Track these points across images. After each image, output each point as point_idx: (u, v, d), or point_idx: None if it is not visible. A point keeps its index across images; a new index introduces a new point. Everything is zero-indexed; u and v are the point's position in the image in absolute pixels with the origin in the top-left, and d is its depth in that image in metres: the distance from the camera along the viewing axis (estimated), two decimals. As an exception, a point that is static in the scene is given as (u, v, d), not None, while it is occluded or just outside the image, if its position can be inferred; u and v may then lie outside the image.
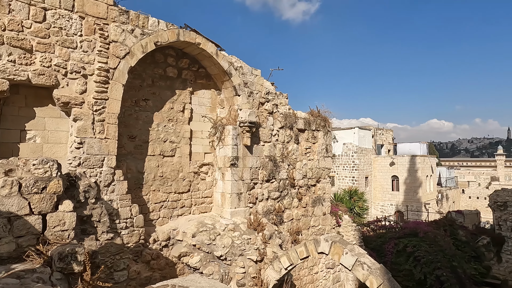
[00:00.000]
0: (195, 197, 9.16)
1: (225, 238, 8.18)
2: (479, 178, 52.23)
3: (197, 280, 2.44)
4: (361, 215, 19.61)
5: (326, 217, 11.68)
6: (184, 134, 8.91)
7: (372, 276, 6.64)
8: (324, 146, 11.60)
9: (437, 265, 12.70)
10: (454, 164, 76.78)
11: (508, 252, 18.02)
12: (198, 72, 9.22)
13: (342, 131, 29.73)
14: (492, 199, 19.34)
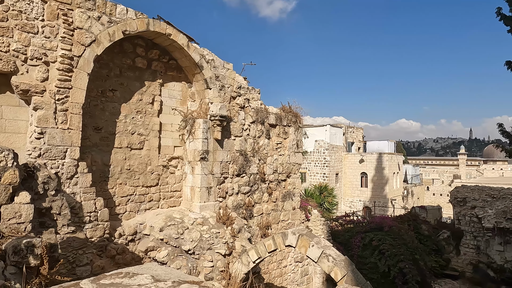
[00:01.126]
0: (164, 191, 9.02)
1: (193, 232, 8.13)
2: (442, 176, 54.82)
3: (153, 268, 2.41)
4: (331, 210, 20.08)
5: (295, 211, 11.86)
6: (153, 127, 8.73)
7: (336, 267, 6.82)
8: (295, 142, 11.75)
9: (400, 258, 13.23)
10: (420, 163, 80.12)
11: (466, 245, 19.07)
12: (169, 63, 9.05)
13: (314, 128, 30.25)
14: (452, 195, 20.36)
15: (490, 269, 17.21)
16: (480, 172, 63.73)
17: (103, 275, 2.24)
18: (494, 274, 16.94)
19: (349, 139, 34.49)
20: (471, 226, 19.02)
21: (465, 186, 21.12)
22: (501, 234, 17.26)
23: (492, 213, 18.00)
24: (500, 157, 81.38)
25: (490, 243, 17.71)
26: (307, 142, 27.81)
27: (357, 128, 36.62)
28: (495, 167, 66.70)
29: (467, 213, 19.25)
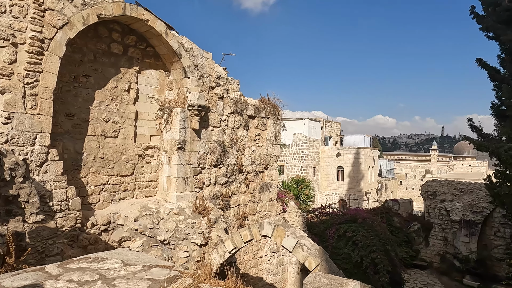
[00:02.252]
0: (139, 181, 8.86)
1: (169, 222, 8.05)
2: (415, 171, 56.64)
3: (124, 253, 2.36)
4: (307, 202, 20.38)
5: (272, 203, 11.96)
6: (129, 115, 8.53)
7: (311, 257, 6.95)
8: (273, 134, 11.80)
9: (372, 249, 13.62)
10: (394, 158, 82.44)
11: (435, 237, 19.90)
12: (146, 50, 8.83)
13: (293, 121, 30.48)
14: (424, 189, 21.12)
15: (456, 259, 18.06)
16: (450, 167, 66.31)
17: (70, 260, 2.18)
18: (459, 264, 17.79)
19: (327, 133, 35.01)
20: (440, 219, 19.85)
21: (435, 180, 21.96)
22: (467, 226, 18.10)
23: (459, 206, 18.83)
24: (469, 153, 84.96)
25: (457, 234, 18.55)
26: (285, 136, 28.02)
27: (335, 123, 37.19)
28: (464, 163, 69.55)
29: (437, 206, 20.06)
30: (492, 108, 7.15)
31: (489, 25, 7.00)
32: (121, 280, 1.92)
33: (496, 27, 6.88)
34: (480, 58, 7.06)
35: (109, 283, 1.89)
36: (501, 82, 6.90)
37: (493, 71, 7.01)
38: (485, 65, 7.02)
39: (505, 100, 6.62)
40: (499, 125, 6.71)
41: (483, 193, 18.03)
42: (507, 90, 6.36)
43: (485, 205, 17.75)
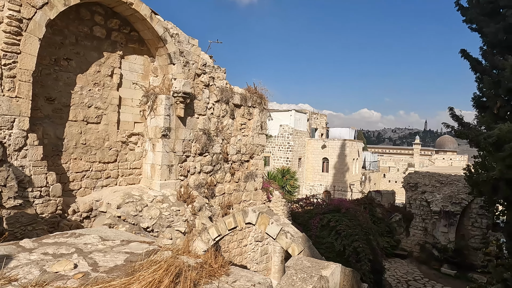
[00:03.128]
0: (123, 168, 8.73)
1: (152, 210, 7.98)
2: (398, 164, 57.69)
3: (102, 231, 2.32)
4: (292, 193, 20.55)
5: (257, 192, 12.00)
6: (112, 101, 8.35)
7: (294, 243, 7.02)
8: (259, 123, 11.78)
9: (355, 238, 13.87)
10: (378, 151, 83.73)
11: (415, 227, 20.43)
12: (130, 35, 8.62)
13: (280, 113, 30.53)
14: (406, 180, 21.58)
15: (435, 249, 18.61)
16: (432, 161, 67.81)
17: (46, 235, 2.13)
18: (438, 254, 18.35)
19: (313, 125, 35.23)
20: (420, 210, 20.36)
21: (417, 172, 22.45)
22: (446, 217, 18.64)
23: (439, 197, 19.34)
24: (451, 148, 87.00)
25: (437, 225, 19.09)
26: (271, 127, 28.05)
27: (321, 115, 37.44)
28: (445, 157, 71.14)
29: (418, 197, 20.55)
30: (473, 100, 7.31)
31: (473, 17, 7.12)
32: (98, 253, 1.89)
33: (479, 19, 7.01)
34: (463, 49, 7.18)
35: (85, 255, 1.85)
36: (482, 73, 7.06)
37: (475, 62, 7.15)
38: (468, 56, 7.16)
39: (486, 91, 6.78)
40: (479, 116, 6.88)
41: (462, 185, 18.56)
42: (487, 82, 6.51)
43: (464, 196, 18.29)
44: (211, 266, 1.69)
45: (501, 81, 6.20)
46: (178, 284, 1.40)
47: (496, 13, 6.87)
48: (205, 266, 1.67)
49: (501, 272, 6.56)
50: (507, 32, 6.65)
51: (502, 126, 4.72)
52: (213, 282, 1.58)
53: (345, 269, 4.38)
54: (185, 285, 1.40)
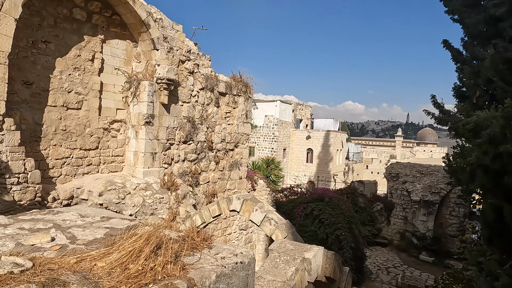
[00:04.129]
0: (105, 155, 8.57)
1: (135, 197, 7.89)
2: (381, 156, 58.70)
3: (82, 209, 2.27)
4: (277, 183, 20.68)
5: (242, 181, 12.02)
6: (93, 86, 8.14)
7: (278, 230, 7.10)
8: (244, 112, 11.74)
9: (338, 226, 14.12)
10: (362, 143, 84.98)
11: (396, 216, 20.94)
12: (112, 19, 8.38)
13: (265, 103, 30.50)
14: (387, 170, 22.03)
15: (414, 237, 19.15)
16: (413, 153, 69.23)
17: (22, 213, 2.07)
18: (417, 242, 18.89)
19: (298, 116, 35.40)
20: (401, 199, 20.85)
21: (399, 163, 22.93)
22: (426, 206, 19.17)
23: (420, 187, 19.84)
24: (431, 140, 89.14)
25: (416, 214, 19.62)
26: (257, 117, 28.03)
27: (306, 106, 37.63)
28: (426, 149, 72.70)
29: (399, 187, 21.03)
30: (454, 90, 7.48)
31: (455, 8, 7.24)
32: (77, 228, 1.85)
33: (461, 10, 7.13)
34: (446, 40, 7.32)
35: (63, 230, 1.81)
36: (463, 64, 7.21)
37: (456, 52, 7.30)
38: (450, 47, 7.30)
39: (466, 81, 6.94)
40: (459, 105, 7.05)
41: (441, 175, 19.07)
42: (467, 72, 6.66)
43: (443, 186, 18.83)
44: (193, 240, 1.68)
45: (480, 71, 6.35)
46: (159, 255, 1.38)
47: (477, 5, 7.01)
48: (187, 239, 1.66)
49: (476, 256, 6.82)
50: (487, 24, 6.80)
51: (479, 113, 4.86)
52: (195, 254, 1.58)
53: (328, 252, 4.46)
54: (166, 254, 1.39)
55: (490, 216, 7.60)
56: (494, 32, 6.56)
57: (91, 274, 1.26)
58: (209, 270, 1.40)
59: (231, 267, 1.48)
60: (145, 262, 1.31)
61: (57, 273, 1.20)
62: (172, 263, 1.36)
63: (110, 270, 1.28)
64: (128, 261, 1.32)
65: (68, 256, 1.38)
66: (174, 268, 1.33)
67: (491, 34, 6.70)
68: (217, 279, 1.38)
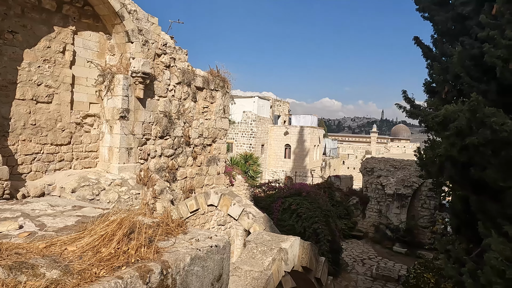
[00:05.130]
0: (77, 151, 8.32)
1: (110, 193, 7.72)
2: (356, 151, 60.01)
3: (52, 200, 2.20)
4: (255, 178, 20.77)
5: (220, 176, 11.99)
6: (64, 79, 7.87)
7: (256, 224, 7.15)
8: (221, 107, 11.69)
9: (315, 220, 14.37)
10: (338, 139, 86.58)
11: (371, 209, 21.53)
12: (84, 9, 8.11)
13: (243, 99, 30.47)
14: (363, 165, 22.59)
15: (388, 229, 19.77)
16: (388, 149, 71.21)
17: (-9, 204, 1.98)
18: (391, 234, 19.52)
19: (276, 112, 35.60)
20: (376, 193, 21.45)
21: (374, 157, 23.56)
22: (399, 199, 19.82)
23: (393, 181, 20.48)
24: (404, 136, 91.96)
25: (390, 207, 20.26)
26: (235, 113, 27.97)
27: (284, 102, 37.88)
28: (400, 145, 74.90)
29: (374, 181, 21.62)
30: (424, 85, 7.75)
31: (425, 5, 7.48)
32: (47, 217, 1.79)
33: (431, 8, 7.39)
34: (417, 36, 7.57)
35: (32, 218, 1.75)
36: (433, 60, 7.48)
37: (426, 49, 7.56)
38: (421, 43, 7.55)
39: (435, 77, 7.21)
40: (429, 100, 7.32)
41: (413, 169, 19.75)
42: (437, 68, 6.91)
43: (415, 179, 19.52)
44: (167, 225, 1.68)
45: (449, 68, 6.61)
46: (132, 239, 1.37)
47: (446, 3, 7.28)
48: (161, 225, 1.65)
49: (445, 244, 7.14)
50: (455, 21, 7.08)
51: (448, 107, 5.07)
52: (170, 239, 1.57)
53: (304, 243, 4.55)
54: (139, 238, 1.38)
55: (458, 207, 7.97)
56: (462, 30, 6.85)
57: (61, 258, 1.23)
58: (184, 253, 1.40)
59: (206, 250, 1.49)
60: (118, 246, 1.30)
61: (25, 257, 1.17)
62: (146, 246, 1.35)
63: (82, 253, 1.26)
64: (100, 244, 1.30)
65: (37, 242, 1.34)
66: (148, 251, 1.33)
67: (459, 31, 6.98)
68: (192, 261, 1.39)
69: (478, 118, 4.76)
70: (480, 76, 6.07)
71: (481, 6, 6.22)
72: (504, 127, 4.48)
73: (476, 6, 6.39)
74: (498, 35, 5.13)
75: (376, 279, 14.80)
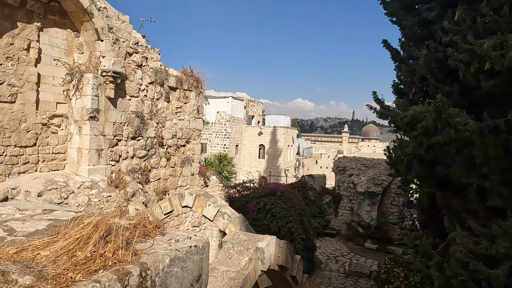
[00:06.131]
0: (44, 153, 7.96)
1: (80, 196, 7.45)
2: (329, 151, 61.25)
3: (20, 204, 2.10)
4: (229, 179, 20.71)
5: (194, 177, 11.87)
6: (29, 78, 7.51)
7: (231, 224, 7.14)
8: (195, 107, 11.58)
9: (289, 219, 14.54)
10: (311, 139, 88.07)
11: (343, 208, 22.05)
12: (50, 5, 7.78)
13: (217, 99, 30.32)
14: (335, 164, 23.09)
15: (360, 226, 20.33)
16: (359, 148, 73.24)
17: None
18: (362, 231, 20.08)
19: (250, 112, 35.68)
20: (348, 191, 21.99)
21: (345, 157, 24.15)
22: (370, 197, 20.43)
23: (364, 179, 21.08)
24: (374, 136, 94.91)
25: (361, 204, 20.83)
26: (209, 113, 27.76)
27: (257, 102, 38.03)
28: (370, 144, 77.28)
29: (346, 180, 22.16)
30: (393, 86, 8.05)
31: (393, 10, 7.78)
32: (16, 221, 1.70)
33: (398, 12, 7.69)
34: (385, 40, 7.86)
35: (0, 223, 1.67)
36: (400, 63, 7.79)
37: (394, 52, 7.86)
38: (389, 46, 7.85)
39: (403, 79, 7.50)
40: (398, 101, 7.62)
41: (383, 168, 20.44)
42: (405, 70, 7.20)
43: (385, 178, 20.19)
44: (145, 227, 1.65)
45: (415, 70, 6.91)
46: (109, 241, 1.34)
47: (412, 8, 7.60)
48: (139, 227, 1.62)
49: (413, 240, 7.44)
50: (421, 26, 7.41)
51: (415, 108, 5.30)
52: (148, 240, 1.55)
53: (280, 242, 4.59)
54: (116, 241, 1.34)
55: (424, 203, 8.33)
56: (427, 34, 7.17)
57: (34, 263, 1.18)
58: (163, 254, 1.39)
59: (185, 251, 1.48)
60: (94, 249, 1.26)
61: (-6, 263, 1.11)
62: (124, 248, 1.32)
63: (56, 258, 1.21)
64: (75, 248, 1.25)
65: (6, 247, 1.27)
66: (125, 254, 1.30)
67: (425, 35, 7.31)
68: (171, 262, 1.37)
69: (443, 119, 5.01)
70: (444, 78, 6.39)
71: (444, 12, 6.54)
72: (467, 126, 4.74)
73: (440, 12, 6.71)
74: (460, 40, 5.42)
75: (349, 276, 15.18)
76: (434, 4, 6.93)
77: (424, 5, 6.99)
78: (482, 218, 5.58)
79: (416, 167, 6.87)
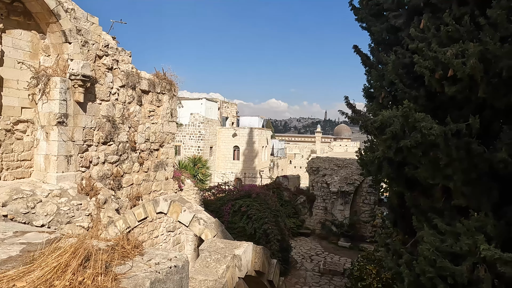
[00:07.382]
0: (8, 160, 7.58)
1: (48, 205, 7.15)
2: (302, 151, 62.12)
3: (-12, 224, 2.01)
4: (204, 181, 20.55)
5: (168, 181, 11.69)
6: (-9, 82, 7.13)
7: (207, 229, 7.10)
8: (169, 111, 11.42)
9: (265, 221, 14.64)
10: (285, 139, 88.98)
11: (317, 207, 22.46)
12: (13, 6, 7.42)
13: (190, 101, 29.97)
14: (309, 165, 23.47)
15: (333, 225, 20.77)
16: (331, 148, 74.76)
17: None
18: (336, 229, 20.54)
19: (224, 114, 35.55)
20: (321, 191, 22.42)
21: (319, 157, 24.59)
22: (343, 196, 20.93)
23: (337, 179, 21.56)
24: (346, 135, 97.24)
25: (335, 204, 21.30)
26: (182, 115, 27.40)
27: (231, 104, 37.95)
28: (342, 144, 79.08)
29: (319, 180, 22.57)
30: (364, 90, 8.31)
31: (363, 16, 8.03)
32: (-14, 247, 1.63)
33: (368, 19, 7.94)
34: (356, 45, 8.09)
35: (-33, 250, 1.58)
36: (370, 67, 8.05)
37: (365, 57, 8.12)
38: (359, 51, 8.09)
39: (373, 83, 7.76)
40: (368, 105, 7.87)
41: (355, 167, 21.00)
42: (374, 75, 7.45)
43: (357, 177, 20.76)
44: (123, 248, 1.62)
45: (385, 75, 7.17)
46: (88, 267, 1.31)
47: (381, 15, 7.87)
48: (117, 248, 1.60)
49: (384, 238, 7.72)
50: (389, 32, 7.70)
51: (384, 113, 5.51)
52: (127, 262, 1.53)
53: (256, 247, 4.63)
54: (95, 266, 1.32)
55: (394, 202, 8.65)
56: (395, 40, 7.46)
57: (10, 296, 1.14)
58: (143, 277, 1.38)
59: (165, 272, 1.48)
60: (73, 277, 1.23)
61: (-34, 299, 1.06)
62: (103, 274, 1.30)
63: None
64: (53, 277, 1.22)
65: (-21, 279, 1.22)
66: (105, 280, 1.28)
67: (393, 41, 7.60)
68: (152, 285, 1.36)
69: (410, 123, 5.24)
70: (411, 83, 6.67)
71: (411, 19, 6.83)
72: (432, 131, 4.98)
73: (407, 20, 7.00)
74: (426, 47, 5.69)
75: (324, 274, 15.49)
76: (401, 12, 7.22)
77: (392, 13, 7.26)
78: (447, 216, 5.87)
79: (386, 168, 7.13)
